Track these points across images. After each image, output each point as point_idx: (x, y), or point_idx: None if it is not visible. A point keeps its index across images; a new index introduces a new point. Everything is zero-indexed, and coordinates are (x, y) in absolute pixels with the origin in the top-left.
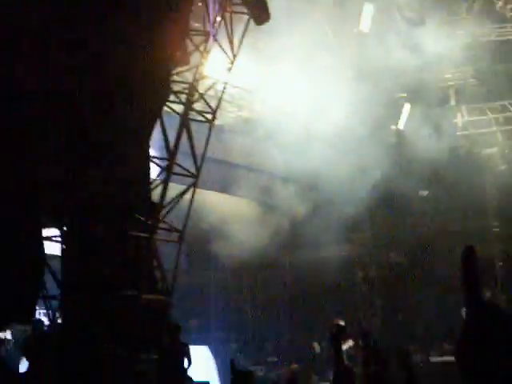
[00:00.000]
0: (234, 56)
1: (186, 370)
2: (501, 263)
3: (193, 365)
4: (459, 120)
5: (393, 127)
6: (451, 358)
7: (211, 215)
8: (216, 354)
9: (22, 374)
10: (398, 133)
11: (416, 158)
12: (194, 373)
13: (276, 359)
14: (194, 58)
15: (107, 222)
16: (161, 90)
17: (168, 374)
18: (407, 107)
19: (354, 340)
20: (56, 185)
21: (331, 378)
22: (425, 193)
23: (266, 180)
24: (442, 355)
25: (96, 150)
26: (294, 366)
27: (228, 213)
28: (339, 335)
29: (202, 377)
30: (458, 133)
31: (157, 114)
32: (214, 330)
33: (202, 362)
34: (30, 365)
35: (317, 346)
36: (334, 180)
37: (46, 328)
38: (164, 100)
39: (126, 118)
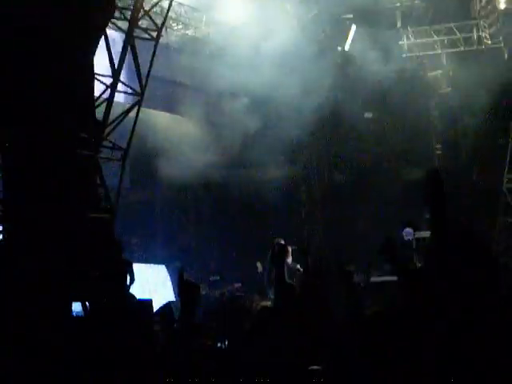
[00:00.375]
0: None
1: (128, 288)
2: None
3: (135, 282)
4: (405, 42)
5: (339, 48)
6: (390, 278)
7: (156, 134)
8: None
9: None
10: (344, 54)
11: (362, 80)
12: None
13: (219, 278)
14: None
15: (51, 139)
16: (105, 6)
17: (111, 291)
18: (353, 28)
19: (294, 259)
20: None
21: (272, 297)
22: (370, 115)
23: (214, 99)
24: (381, 275)
25: (41, 66)
26: (238, 285)
27: (174, 132)
28: (280, 254)
29: (162, 296)
30: (403, 55)
31: (101, 31)
32: (157, 248)
33: (160, 281)
34: None
35: (259, 266)
36: (280, 100)
37: None
38: (108, 16)
39: (70, 32)
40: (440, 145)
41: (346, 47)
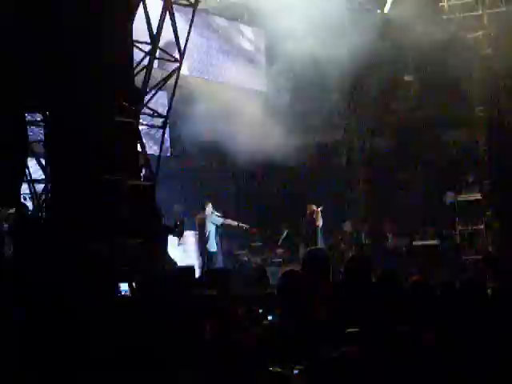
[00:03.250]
0: None
1: (169, 255)
2: (485, 148)
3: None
4: (445, 4)
5: (378, 11)
6: (433, 242)
7: (197, 101)
8: None
9: (8, 257)
10: (384, 17)
11: (401, 43)
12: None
13: (260, 244)
14: None
15: (91, 108)
16: None
17: (153, 259)
18: None
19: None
20: (41, 70)
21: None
22: (410, 78)
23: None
24: (424, 239)
25: (80, 37)
26: (280, 251)
27: (217, 100)
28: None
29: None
30: (444, 17)
31: None
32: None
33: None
34: (16, 248)
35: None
36: (319, 64)
37: (30, 212)
38: None
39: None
40: (482, 107)
41: (386, 10)
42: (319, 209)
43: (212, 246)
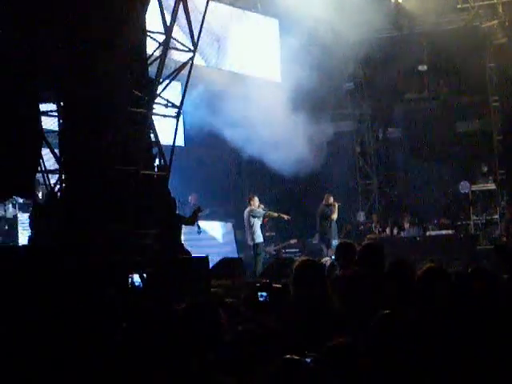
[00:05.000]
0: None
1: (183, 245)
2: (499, 137)
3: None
4: None
5: (392, 0)
6: (447, 232)
7: (210, 92)
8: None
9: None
10: (397, 6)
11: (415, 32)
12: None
13: (274, 234)
14: None
15: (104, 97)
16: None
17: (168, 248)
18: None
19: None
20: (55, 61)
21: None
22: (424, 67)
23: None
24: (438, 229)
25: (94, 29)
26: (294, 241)
27: (231, 91)
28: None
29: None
30: (458, 6)
31: None
32: (214, 206)
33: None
34: (34, 235)
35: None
36: (334, 52)
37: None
38: None
39: None
40: (497, 97)
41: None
42: (337, 204)
43: (259, 237)
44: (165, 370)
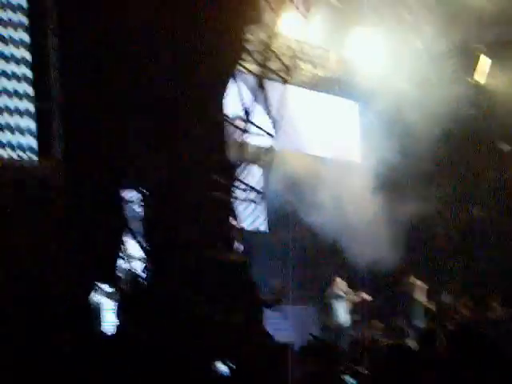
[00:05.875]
0: (308, 12)
1: (265, 329)
2: None
3: None
4: None
5: (469, 79)
6: None
7: (291, 176)
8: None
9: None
10: (476, 85)
11: (495, 111)
12: None
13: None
14: (267, 16)
15: (185, 184)
16: (235, 49)
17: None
18: (487, 61)
19: None
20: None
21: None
22: (506, 147)
23: None
24: None
25: (174, 112)
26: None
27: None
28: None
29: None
30: None
31: (231, 73)
32: (293, 289)
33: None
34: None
35: None
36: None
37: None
38: (238, 58)
39: (204, 78)
40: None
41: (478, 78)
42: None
43: (342, 320)
44: None
